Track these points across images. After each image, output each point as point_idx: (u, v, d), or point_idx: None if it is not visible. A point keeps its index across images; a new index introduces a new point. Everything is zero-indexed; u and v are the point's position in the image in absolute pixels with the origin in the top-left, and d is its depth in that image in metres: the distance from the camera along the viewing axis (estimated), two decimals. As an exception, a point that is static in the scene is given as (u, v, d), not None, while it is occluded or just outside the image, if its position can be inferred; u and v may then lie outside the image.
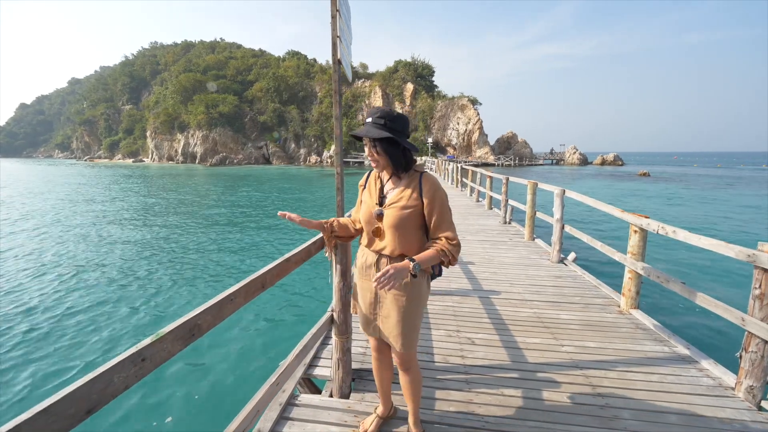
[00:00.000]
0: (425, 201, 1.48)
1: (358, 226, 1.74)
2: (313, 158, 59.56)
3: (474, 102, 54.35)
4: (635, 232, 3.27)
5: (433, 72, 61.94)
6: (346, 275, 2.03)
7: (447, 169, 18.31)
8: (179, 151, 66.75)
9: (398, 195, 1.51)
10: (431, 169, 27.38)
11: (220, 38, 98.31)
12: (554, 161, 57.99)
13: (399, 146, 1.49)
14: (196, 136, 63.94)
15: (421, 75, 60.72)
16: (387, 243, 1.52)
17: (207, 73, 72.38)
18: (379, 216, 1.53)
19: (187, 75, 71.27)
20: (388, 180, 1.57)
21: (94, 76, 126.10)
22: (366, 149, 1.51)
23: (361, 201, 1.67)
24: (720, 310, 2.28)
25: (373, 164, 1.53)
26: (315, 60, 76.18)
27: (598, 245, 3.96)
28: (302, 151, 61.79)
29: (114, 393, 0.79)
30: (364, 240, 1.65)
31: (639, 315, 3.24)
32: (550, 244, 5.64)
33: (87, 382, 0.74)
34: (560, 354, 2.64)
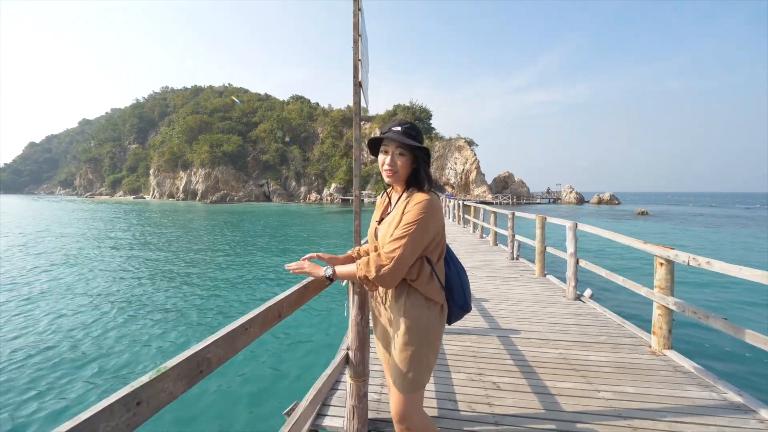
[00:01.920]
0: (403, 215, 1.33)
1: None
2: (313, 196, 60.22)
3: (470, 143, 56.18)
4: (661, 264, 3.10)
5: (431, 115, 64.66)
6: (364, 307, 1.83)
7: (448, 206, 18.37)
8: (180, 188, 67.60)
9: (395, 211, 1.40)
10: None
11: (228, 83, 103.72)
12: (551, 200, 58.74)
13: (429, 160, 1.43)
14: (198, 174, 65.12)
15: (419, 118, 63.31)
16: None
17: (213, 115, 75.37)
18: (377, 234, 1.46)
19: (194, 116, 74.15)
20: (399, 197, 1.45)
21: (105, 117, 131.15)
22: (383, 157, 1.39)
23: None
24: (777, 349, 2.05)
25: (388, 175, 1.39)
26: (318, 104, 79.85)
27: (619, 280, 3.77)
28: (302, 188, 62.67)
29: (97, 450, 0.59)
30: None
31: (674, 356, 2.97)
32: (562, 280, 5.44)
33: (62, 434, 0.54)
34: (598, 401, 2.35)
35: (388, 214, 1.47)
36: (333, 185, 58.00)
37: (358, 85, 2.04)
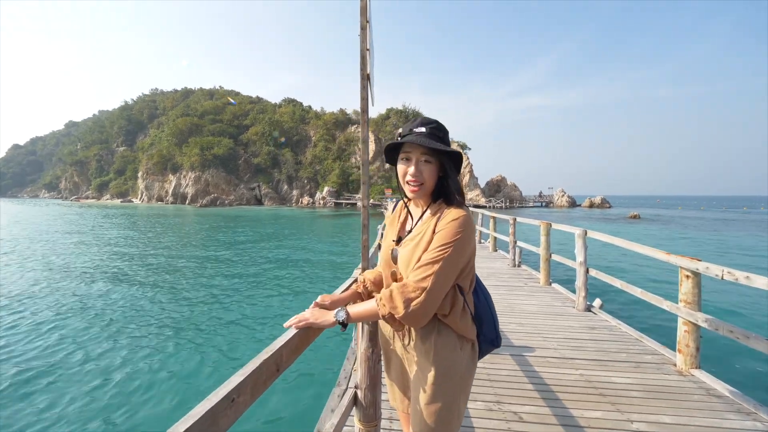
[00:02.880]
0: (435, 235, 1.07)
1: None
2: (306, 199, 59.65)
3: (463, 147, 56.36)
4: (687, 277, 2.89)
5: (424, 119, 64.64)
6: (376, 340, 1.55)
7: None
8: (170, 191, 66.31)
9: (420, 228, 1.14)
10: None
11: (219, 86, 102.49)
12: (544, 203, 59.12)
13: (460, 168, 1.16)
14: (188, 177, 63.98)
15: (413, 121, 63.29)
16: None
17: (204, 118, 74.29)
18: (396, 257, 1.18)
19: (184, 119, 72.98)
20: (423, 211, 1.18)
21: (92, 119, 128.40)
22: (404, 166, 1.13)
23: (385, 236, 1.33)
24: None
25: (413, 189, 1.12)
26: (310, 107, 79.35)
27: (637, 292, 3.54)
28: (294, 192, 62.05)
29: None
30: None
31: (704, 377, 2.74)
32: (568, 289, 5.22)
33: None
34: (633, 434, 2.10)
35: (409, 232, 1.19)
36: (326, 189, 57.54)
37: (366, 78, 1.77)
